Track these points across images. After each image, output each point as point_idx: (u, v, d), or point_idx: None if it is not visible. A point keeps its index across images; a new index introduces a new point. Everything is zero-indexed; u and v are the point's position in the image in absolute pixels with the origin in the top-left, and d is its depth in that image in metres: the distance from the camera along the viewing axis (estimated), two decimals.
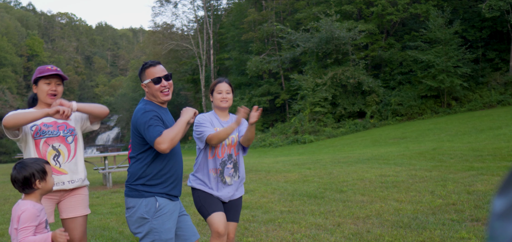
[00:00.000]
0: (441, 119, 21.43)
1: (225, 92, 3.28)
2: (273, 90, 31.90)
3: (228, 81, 3.33)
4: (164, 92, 2.79)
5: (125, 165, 11.38)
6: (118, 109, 65.61)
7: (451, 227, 4.24)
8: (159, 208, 2.69)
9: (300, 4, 32.70)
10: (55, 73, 2.93)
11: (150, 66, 2.83)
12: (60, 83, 2.99)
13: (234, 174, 3.25)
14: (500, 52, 25.86)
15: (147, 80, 2.79)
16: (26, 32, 72.71)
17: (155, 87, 2.76)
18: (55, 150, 2.90)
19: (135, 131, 2.73)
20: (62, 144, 2.94)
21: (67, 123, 3.01)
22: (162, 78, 2.77)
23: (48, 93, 2.93)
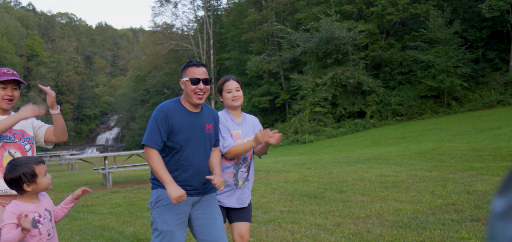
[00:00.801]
0: (441, 119, 21.43)
1: (235, 90, 3.17)
2: (273, 90, 31.90)
3: (235, 79, 3.23)
4: (198, 94, 2.77)
5: (125, 165, 11.38)
6: (118, 109, 65.63)
7: (451, 227, 4.24)
8: (159, 198, 2.76)
9: (300, 4, 32.70)
10: (12, 78, 2.83)
11: (193, 65, 2.83)
12: (16, 88, 2.89)
13: (246, 177, 3.20)
14: (500, 52, 25.87)
15: (186, 78, 2.79)
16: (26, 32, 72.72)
17: (191, 87, 2.75)
18: (11, 156, 2.83)
19: None
20: (18, 151, 2.87)
21: (24, 131, 2.94)
22: (201, 80, 2.77)
23: (4, 98, 2.83)
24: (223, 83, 3.22)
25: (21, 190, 2.34)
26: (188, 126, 2.78)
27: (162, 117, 2.72)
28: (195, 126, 2.81)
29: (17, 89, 2.89)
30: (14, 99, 2.88)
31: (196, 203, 2.84)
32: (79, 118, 74.65)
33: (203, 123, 2.84)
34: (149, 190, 8.64)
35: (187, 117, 2.80)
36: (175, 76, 43.25)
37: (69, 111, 69.01)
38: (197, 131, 2.81)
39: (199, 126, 2.82)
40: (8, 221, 2.23)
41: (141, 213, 6.24)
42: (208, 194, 2.90)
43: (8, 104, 2.83)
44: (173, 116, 2.75)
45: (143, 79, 51.20)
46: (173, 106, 2.80)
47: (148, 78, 48.18)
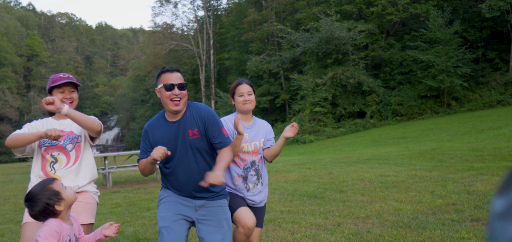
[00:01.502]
0: (441, 120, 21.44)
1: (247, 94, 3.14)
2: (273, 90, 31.91)
3: (248, 82, 3.18)
4: (174, 101, 2.65)
5: (125, 165, 11.38)
6: (118, 109, 65.67)
7: (451, 227, 4.24)
8: (161, 197, 2.83)
9: (300, 4, 32.71)
10: (67, 81, 2.95)
11: (166, 71, 2.71)
12: (74, 90, 3.00)
13: (257, 182, 3.12)
14: (500, 52, 25.87)
15: (160, 85, 2.69)
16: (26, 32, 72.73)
17: (166, 93, 2.65)
18: (53, 158, 2.91)
19: None
20: (61, 153, 2.94)
21: (71, 131, 3.00)
22: (175, 85, 2.64)
23: (63, 101, 2.92)
24: (236, 87, 3.17)
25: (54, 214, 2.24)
26: (166, 138, 2.71)
27: (144, 135, 2.80)
28: (175, 136, 2.71)
29: (75, 91, 3.00)
30: (74, 101, 2.98)
31: (200, 207, 2.75)
32: None
33: (184, 129, 2.71)
34: (149, 189, 8.65)
35: (165, 129, 2.73)
36: None
37: None
38: (179, 140, 2.70)
39: (180, 135, 2.71)
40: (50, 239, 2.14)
41: (141, 213, 6.24)
42: (215, 200, 2.78)
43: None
44: (153, 131, 2.76)
45: (143, 79, 51.21)
46: (154, 121, 2.80)
47: (148, 78, 48.19)
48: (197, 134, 2.71)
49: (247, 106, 3.13)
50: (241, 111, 3.15)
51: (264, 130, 3.26)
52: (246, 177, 3.08)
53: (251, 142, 3.10)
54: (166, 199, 2.80)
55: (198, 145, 2.71)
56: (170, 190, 2.82)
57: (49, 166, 2.92)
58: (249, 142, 3.10)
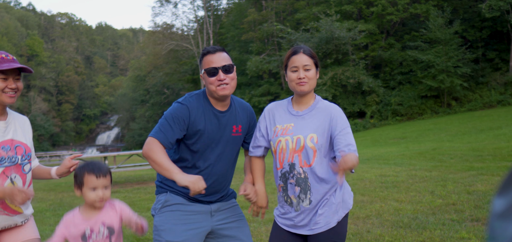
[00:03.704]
0: (441, 120, 21.43)
1: (302, 69, 2.22)
2: (273, 90, 31.91)
3: (308, 51, 2.27)
4: (221, 86, 2.25)
5: (125, 165, 11.38)
6: (118, 109, 65.69)
7: (451, 227, 4.24)
8: (167, 203, 2.32)
9: (300, 4, 32.71)
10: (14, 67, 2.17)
11: (208, 53, 2.30)
12: (19, 78, 2.24)
13: (303, 197, 2.19)
14: (500, 52, 25.88)
15: (202, 71, 2.30)
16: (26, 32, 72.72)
17: (210, 79, 2.25)
18: (12, 182, 2.23)
19: None
20: (17, 175, 2.25)
21: (26, 145, 2.32)
22: (219, 69, 2.24)
23: (5, 91, 2.18)
24: (289, 57, 2.29)
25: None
26: (213, 127, 2.32)
27: (181, 112, 2.26)
28: (221, 128, 2.35)
29: (20, 79, 2.25)
30: (18, 91, 2.25)
31: (216, 212, 2.41)
32: (79, 118, 74.68)
33: (230, 123, 2.37)
34: (149, 189, 8.63)
35: (212, 118, 2.32)
36: (175, 76, 43.26)
37: (69, 112, 69.06)
38: (223, 134, 2.35)
39: (226, 128, 2.36)
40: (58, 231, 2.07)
41: (141, 213, 6.24)
42: (228, 201, 2.51)
43: (11, 99, 2.21)
44: (196, 113, 2.29)
45: (143, 79, 51.20)
46: (197, 102, 2.32)
47: (148, 78, 48.19)
48: (240, 131, 2.41)
49: (301, 87, 2.23)
50: (295, 93, 2.30)
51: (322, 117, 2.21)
52: (286, 188, 2.24)
53: (293, 136, 2.21)
54: (174, 207, 2.31)
55: (238, 144, 2.44)
56: (180, 196, 2.33)
57: None
58: (290, 135, 2.22)
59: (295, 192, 2.19)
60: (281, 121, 2.29)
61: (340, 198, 2.21)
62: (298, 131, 2.20)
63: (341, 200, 2.21)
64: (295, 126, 2.23)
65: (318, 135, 2.17)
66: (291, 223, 2.24)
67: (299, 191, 2.19)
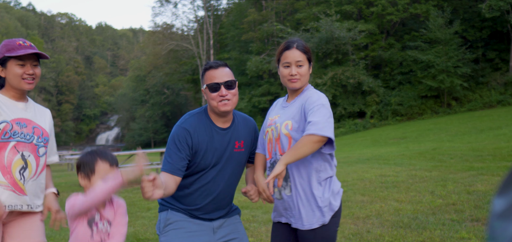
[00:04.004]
0: (441, 120, 21.44)
1: (294, 65, 2.18)
2: (273, 90, 31.91)
3: (301, 45, 2.20)
4: (223, 102, 2.22)
5: (125, 165, 11.38)
6: (118, 109, 65.71)
7: (451, 227, 4.24)
8: (169, 221, 2.30)
9: (300, 4, 32.72)
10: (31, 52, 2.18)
11: (210, 68, 2.27)
12: (37, 64, 2.26)
13: (284, 184, 2.18)
14: (500, 52, 25.89)
15: (204, 86, 2.27)
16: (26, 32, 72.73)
17: (212, 95, 2.21)
18: (23, 161, 2.19)
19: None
20: (32, 155, 2.23)
21: (44, 128, 2.33)
22: (222, 85, 2.21)
23: (24, 78, 2.20)
24: (282, 52, 2.24)
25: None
26: (215, 146, 2.28)
27: (182, 137, 2.23)
28: (224, 146, 2.30)
29: (38, 65, 2.27)
30: (36, 77, 2.26)
31: (219, 228, 2.38)
32: (79, 118, 74.71)
33: (233, 139, 2.33)
34: None
35: (215, 136, 2.28)
36: (175, 76, 43.27)
37: (69, 112, 69.09)
38: (226, 151, 2.30)
39: (229, 144, 2.31)
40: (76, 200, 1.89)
41: (141, 213, 6.24)
42: (231, 217, 2.46)
43: (30, 85, 2.22)
44: (198, 134, 2.25)
45: (143, 79, 51.22)
46: (197, 121, 2.29)
47: (148, 78, 48.20)
48: (243, 147, 2.36)
49: (293, 84, 2.19)
50: (287, 88, 2.29)
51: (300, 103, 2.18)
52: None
53: (276, 125, 2.22)
54: (177, 224, 2.29)
55: (241, 160, 2.37)
56: (180, 213, 2.32)
57: (18, 172, 2.19)
58: (274, 125, 2.23)
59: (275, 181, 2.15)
60: (273, 114, 2.33)
61: (328, 202, 2.13)
62: (279, 120, 2.21)
63: (328, 203, 2.13)
64: (279, 116, 2.24)
65: (294, 121, 2.14)
66: (278, 213, 2.26)
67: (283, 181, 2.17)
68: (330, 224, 2.15)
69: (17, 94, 2.25)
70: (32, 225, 2.30)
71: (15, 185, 2.16)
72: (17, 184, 2.16)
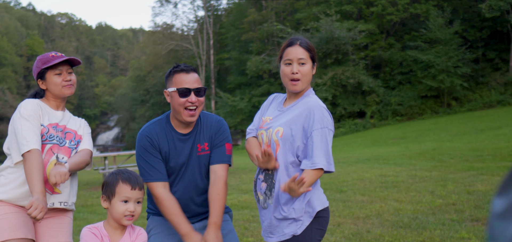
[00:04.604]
0: (441, 119, 21.44)
1: (296, 63, 2.06)
2: (273, 90, 31.87)
3: (305, 43, 2.10)
4: (189, 110, 2.16)
5: (125, 165, 11.38)
6: (118, 109, 65.70)
7: (451, 227, 4.24)
8: (150, 227, 2.33)
9: (300, 4, 32.71)
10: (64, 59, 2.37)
11: (181, 71, 2.19)
12: (71, 71, 2.44)
13: (268, 193, 2.08)
14: (500, 52, 25.88)
15: (172, 88, 2.18)
16: (26, 32, 72.75)
17: (179, 100, 2.15)
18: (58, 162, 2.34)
19: None
20: (66, 157, 2.37)
21: (76, 132, 2.49)
22: (192, 91, 2.15)
23: (63, 85, 2.39)
24: (285, 48, 2.13)
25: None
26: (177, 152, 2.25)
27: (147, 145, 2.22)
28: (186, 151, 2.26)
29: (72, 72, 2.45)
30: (74, 83, 2.44)
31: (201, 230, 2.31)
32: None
33: (195, 143, 2.29)
34: None
35: (176, 143, 2.25)
36: None
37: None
38: (189, 156, 2.27)
39: (192, 150, 2.27)
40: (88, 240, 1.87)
41: (141, 213, 6.24)
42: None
43: (70, 89, 2.41)
44: (159, 141, 2.23)
45: (143, 79, 51.20)
46: (157, 128, 2.26)
47: (148, 78, 48.18)
48: (207, 148, 2.30)
49: (293, 87, 2.07)
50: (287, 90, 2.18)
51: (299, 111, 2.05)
52: (256, 182, 2.17)
53: (268, 129, 2.13)
54: (156, 229, 2.29)
55: (206, 161, 2.31)
56: (160, 217, 2.32)
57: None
58: (265, 129, 2.15)
59: (262, 188, 2.10)
60: (268, 113, 2.25)
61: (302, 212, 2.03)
62: (272, 124, 2.13)
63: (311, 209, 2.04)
64: (272, 120, 2.16)
65: (285, 128, 2.03)
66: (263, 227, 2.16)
67: (266, 188, 2.09)
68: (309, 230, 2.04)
69: (56, 103, 2.45)
70: (60, 225, 2.41)
71: (47, 185, 2.26)
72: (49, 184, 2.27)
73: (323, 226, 2.08)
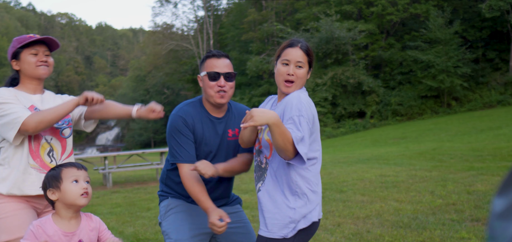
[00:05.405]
0: (441, 119, 21.43)
1: (293, 65, 2.06)
2: (273, 91, 31.87)
3: (304, 46, 2.09)
4: (220, 92, 2.24)
5: (125, 165, 11.38)
6: None
7: (451, 227, 4.24)
8: (169, 207, 2.38)
9: (300, 4, 32.72)
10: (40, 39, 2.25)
11: (212, 56, 2.28)
12: (48, 53, 2.32)
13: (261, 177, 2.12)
14: (500, 52, 25.89)
15: (203, 72, 2.27)
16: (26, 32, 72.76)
17: (210, 83, 2.22)
18: (48, 144, 2.27)
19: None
20: (54, 138, 2.30)
21: None
22: (222, 75, 2.23)
23: (38, 65, 2.25)
24: (283, 49, 2.11)
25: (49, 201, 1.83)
26: (211, 135, 2.31)
27: (182, 124, 2.26)
28: (218, 135, 2.33)
29: (50, 55, 2.33)
30: (50, 65, 2.32)
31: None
32: None
33: (227, 128, 2.36)
34: (149, 189, 8.63)
35: (210, 125, 2.32)
36: (175, 76, 43.24)
37: None
38: (221, 140, 2.34)
39: (223, 134, 2.34)
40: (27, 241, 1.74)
41: (141, 213, 6.24)
42: (233, 206, 2.49)
43: (45, 71, 2.28)
44: (194, 123, 2.28)
45: (143, 79, 51.22)
46: (192, 110, 2.31)
47: (148, 78, 48.21)
48: (237, 134, 2.36)
49: (287, 89, 2.06)
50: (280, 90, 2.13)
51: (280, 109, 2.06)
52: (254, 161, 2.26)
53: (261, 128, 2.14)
54: (177, 208, 2.35)
55: (235, 148, 2.37)
56: (180, 199, 2.39)
57: (47, 155, 2.27)
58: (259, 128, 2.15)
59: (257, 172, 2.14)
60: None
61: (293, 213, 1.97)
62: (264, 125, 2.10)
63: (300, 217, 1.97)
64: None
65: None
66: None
67: (256, 177, 2.14)
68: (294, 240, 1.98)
69: (32, 86, 2.30)
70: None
71: (46, 167, 2.20)
72: (48, 166, 2.22)
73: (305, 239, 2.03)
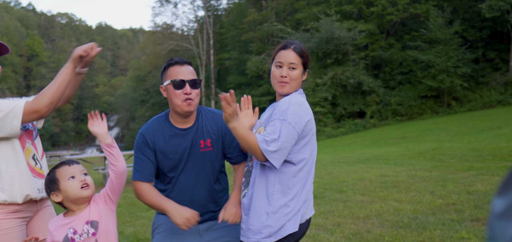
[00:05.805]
0: (441, 119, 21.43)
1: (287, 67, 2.04)
2: (273, 91, 31.68)
3: (298, 48, 2.07)
4: (187, 101, 2.13)
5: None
6: (118, 109, 65.69)
7: (451, 227, 4.24)
8: (155, 226, 2.35)
9: (300, 4, 32.72)
10: None
11: (175, 64, 2.19)
12: None
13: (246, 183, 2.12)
14: (500, 52, 25.88)
15: (167, 81, 2.18)
16: (26, 32, 72.74)
17: (175, 92, 2.13)
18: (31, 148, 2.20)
19: None
20: (29, 140, 2.20)
21: None
22: (187, 82, 2.14)
23: None
24: (278, 51, 2.11)
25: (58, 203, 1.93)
26: (175, 149, 2.21)
27: (141, 143, 2.22)
28: (186, 147, 2.21)
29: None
30: None
31: (206, 231, 2.31)
32: (79, 118, 74.69)
33: (197, 139, 2.23)
34: None
35: (173, 138, 2.21)
36: None
37: (69, 111, 69.07)
38: (190, 152, 2.22)
39: (192, 146, 2.22)
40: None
41: (141, 213, 6.24)
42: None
43: None
44: (154, 138, 2.22)
45: (143, 79, 51.22)
46: (155, 125, 2.25)
47: (148, 78, 48.20)
48: (210, 145, 2.24)
49: (282, 89, 2.05)
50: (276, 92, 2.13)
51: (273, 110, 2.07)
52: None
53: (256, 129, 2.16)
54: (161, 227, 2.30)
55: (211, 158, 2.25)
56: (163, 215, 2.30)
57: (32, 158, 2.18)
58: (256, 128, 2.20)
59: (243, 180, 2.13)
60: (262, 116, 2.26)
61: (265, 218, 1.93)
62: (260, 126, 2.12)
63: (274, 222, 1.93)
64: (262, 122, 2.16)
65: (266, 126, 2.02)
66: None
67: (244, 183, 2.11)
68: None
69: None
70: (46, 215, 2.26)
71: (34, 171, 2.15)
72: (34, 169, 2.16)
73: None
